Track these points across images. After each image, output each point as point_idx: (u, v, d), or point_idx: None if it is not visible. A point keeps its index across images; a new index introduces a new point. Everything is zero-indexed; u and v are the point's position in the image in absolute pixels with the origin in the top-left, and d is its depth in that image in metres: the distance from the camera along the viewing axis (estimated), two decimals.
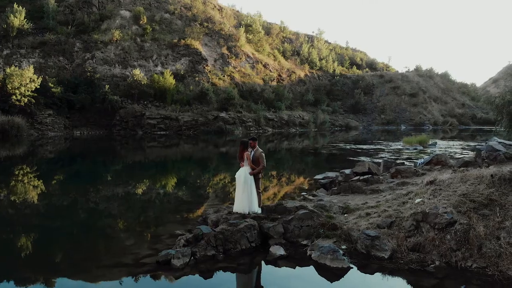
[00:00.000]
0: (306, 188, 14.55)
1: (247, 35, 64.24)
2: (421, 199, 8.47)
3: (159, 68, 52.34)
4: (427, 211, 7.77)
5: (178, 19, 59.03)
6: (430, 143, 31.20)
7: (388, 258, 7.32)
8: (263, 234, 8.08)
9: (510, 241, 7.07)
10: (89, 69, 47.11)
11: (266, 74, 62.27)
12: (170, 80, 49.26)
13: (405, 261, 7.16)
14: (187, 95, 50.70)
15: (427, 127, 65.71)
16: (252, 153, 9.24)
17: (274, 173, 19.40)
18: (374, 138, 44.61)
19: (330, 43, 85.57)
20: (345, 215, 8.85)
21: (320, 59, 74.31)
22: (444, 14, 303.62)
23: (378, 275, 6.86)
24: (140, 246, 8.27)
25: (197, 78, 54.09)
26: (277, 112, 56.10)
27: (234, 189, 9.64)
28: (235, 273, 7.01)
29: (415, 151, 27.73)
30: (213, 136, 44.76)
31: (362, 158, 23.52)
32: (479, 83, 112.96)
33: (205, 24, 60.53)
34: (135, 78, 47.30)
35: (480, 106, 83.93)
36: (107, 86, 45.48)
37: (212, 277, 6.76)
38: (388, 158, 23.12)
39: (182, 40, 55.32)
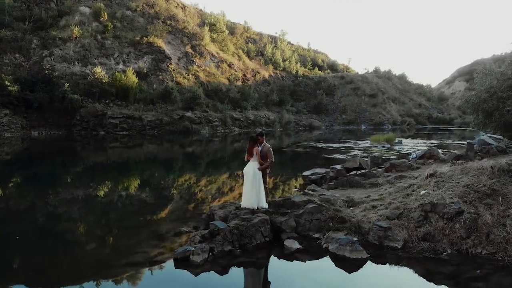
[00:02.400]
0: (296, 184, 14.48)
1: (211, 34, 63.66)
2: (425, 191, 8.58)
3: (120, 66, 50.66)
4: (435, 201, 7.86)
5: (140, 16, 57.49)
6: (396, 141, 32.09)
7: (401, 248, 7.46)
8: (275, 228, 8.00)
9: None
10: (47, 67, 44.77)
11: (231, 74, 61.93)
12: (133, 79, 47.81)
13: (417, 250, 7.39)
14: (151, 94, 49.43)
15: (386, 127, 67.81)
16: (260, 148, 9.11)
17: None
18: (336, 137, 45.37)
19: (292, 44, 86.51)
20: (351, 208, 8.88)
21: (284, 60, 74.90)
22: (400, 18, 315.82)
23: (396, 264, 7.00)
24: (147, 245, 8.00)
25: (160, 77, 52.87)
26: (243, 112, 55.93)
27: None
28: (247, 268, 6.87)
29: (383, 148, 28.43)
30: (179, 136, 43.88)
31: (336, 156, 23.85)
32: (434, 84, 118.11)
33: (168, 22, 59.35)
34: (96, 76, 45.51)
35: (436, 106, 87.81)
36: (66, 85, 43.40)
37: (233, 272, 6.63)
38: (361, 155, 23.64)
39: (144, 37, 53.91)
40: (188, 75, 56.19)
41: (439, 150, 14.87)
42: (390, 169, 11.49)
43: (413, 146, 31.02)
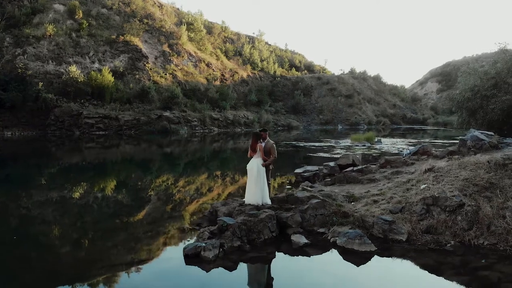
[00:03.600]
0: (289, 182, 14.47)
1: (189, 34, 63.06)
2: (426, 185, 8.73)
3: (96, 65, 49.51)
4: (436, 195, 7.99)
5: (116, 14, 56.35)
6: (376, 140, 32.65)
7: (406, 240, 7.61)
8: (281, 223, 8.02)
9: None
10: (20, 66, 43.25)
11: (210, 74, 61.53)
12: (109, 78, 46.76)
13: (422, 242, 7.57)
14: (127, 93, 48.50)
15: (362, 127, 68.84)
16: (263, 144, 9.09)
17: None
18: (314, 137, 45.75)
19: (270, 44, 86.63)
20: (352, 203, 8.97)
21: (262, 60, 74.95)
22: (374, 20, 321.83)
23: (404, 256, 7.14)
24: (153, 243, 7.86)
25: (137, 76, 51.97)
26: (222, 112, 55.65)
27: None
28: (252, 264, 6.82)
29: (364, 147, 28.88)
30: (157, 136, 43.28)
31: (320, 154, 24.05)
32: (407, 85, 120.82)
33: (145, 20, 58.44)
34: (71, 75, 44.25)
35: (409, 106, 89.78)
36: (40, 84, 42.07)
37: (244, 268, 6.63)
38: (344, 153, 23.91)
39: (120, 36, 52.85)
40: (166, 74, 55.50)
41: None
42: (385, 165, 11.66)
43: (392, 145, 31.67)
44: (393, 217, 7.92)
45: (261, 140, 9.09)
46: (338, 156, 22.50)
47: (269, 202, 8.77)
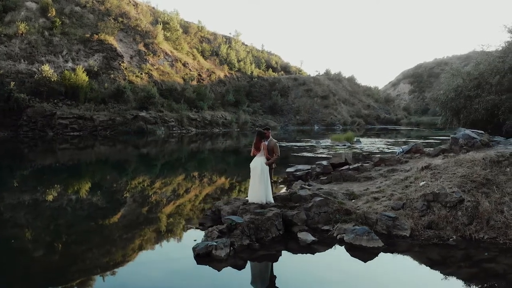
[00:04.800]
0: (281, 181, 14.45)
1: (165, 33, 62.27)
2: (425, 182, 8.87)
3: (70, 64, 48.23)
4: (436, 191, 8.13)
5: (90, 13, 55.03)
6: (355, 140, 33.11)
7: (409, 236, 7.75)
8: (286, 221, 8.02)
9: None
10: None
11: (186, 73, 60.93)
12: (83, 77, 45.65)
13: (424, 237, 7.72)
14: (102, 93, 47.49)
15: (338, 127, 69.76)
16: (266, 143, 9.09)
17: (240, 171, 19.00)
18: (292, 137, 45.98)
19: (247, 45, 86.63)
20: (353, 200, 9.05)
21: (239, 61, 74.82)
22: (349, 23, 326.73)
23: (410, 251, 7.27)
24: (159, 243, 7.70)
25: (112, 75, 50.95)
26: (200, 112, 55.19)
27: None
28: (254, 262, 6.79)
29: (345, 147, 29.25)
30: (133, 136, 42.49)
31: (304, 154, 24.17)
32: (380, 86, 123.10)
33: (120, 19, 57.32)
34: (43, 75, 42.92)
35: (383, 107, 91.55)
36: (12, 83, 40.60)
37: (256, 266, 6.62)
38: (327, 153, 24.18)
39: (95, 35, 51.68)
40: (141, 74, 54.62)
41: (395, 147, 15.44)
42: (379, 164, 11.81)
43: (372, 144, 32.21)
44: (395, 213, 8.05)
45: (265, 139, 9.07)
46: (322, 155, 22.81)
47: (272, 200, 8.77)
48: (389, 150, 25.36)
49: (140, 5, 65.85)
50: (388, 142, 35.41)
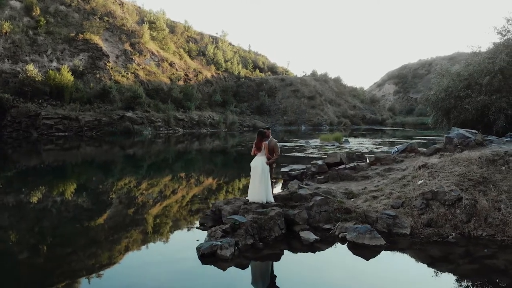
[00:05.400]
0: (275, 181, 14.38)
1: (151, 32, 61.76)
2: (422, 181, 8.96)
3: (54, 63, 47.45)
4: (435, 190, 8.21)
5: (75, 12, 54.23)
6: (343, 140, 33.35)
7: (409, 234, 7.83)
8: (288, 220, 8.03)
9: (510, 211, 7.77)
10: None
11: (173, 73, 60.53)
12: (68, 77, 44.98)
13: (424, 235, 7.81)
14: (88, 93, 46.85)
15: (324, 127, 70.17)
16: (267, 142, 9.13)
17: (231, 171, 18.87)
18: (279, 137, 45.96)
19: (233, 45, 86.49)
20: (352, 199, 9.10)
21: (226, 61, 74.65)
22: (335, 23, 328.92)
23: (412, 248, 7.34)
24: (161, 243, 7.64)
25: (98, 75, 50.32)
26: (187, 112, 54.84)
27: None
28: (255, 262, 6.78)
29: (334, 146, 29.43)
30: (119, 137, 41.97)
31: (295, 154, 24.21)
32: (366, 87, 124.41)
33: (106, 18, 56.65)
34: (28, 74, 42.15)
35: (369, 107, 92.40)
36: None
37: (262, 265, 6.62)
38: (317, 152, 24.31)
39: (80, 34, 50.95)
40: (127, 73, 54.09)
41: (385, 147, 15.60)
42: (375, 163, 11.91)
43: (360, 144, 32.48)
44: (395, 212, 8.12)
45: (265, 138, 9.07)
46: (313, 155, 22.92)
47: (272, 200, 8.78)
48: (378, 150, 25.57)
49: (126, 4, 65.18)
50: (376, 142, 35.77)
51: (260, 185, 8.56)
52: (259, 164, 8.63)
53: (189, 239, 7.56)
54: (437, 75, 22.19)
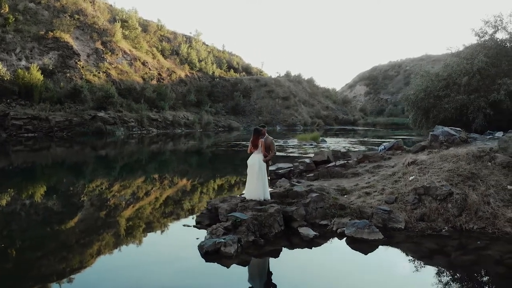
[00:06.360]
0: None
1: (123, 31, 60.58)
2: (413, 177, 9.18)
3: (23, 62, 45.86)
4: (427, 185, 8.42)
5: (45, 9, 52.57)
6: (320, 139, 33.77)
7: (404, 228, 8.03)
8: (286, 217, 8.08)
9: (499, 204, 8.04)
10: None
11: (146, 73, 59.60)
12: (38, 76, 43.59)
13: (418, 229, 8.03)
14: (58, 93, 45.53)
15: (299, 128, 70.76)
16: (263, 140, 9.24)
17: (211, 171, 18.72)
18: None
19: (207, 45, 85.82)
20: (345, 196, 9.23)
21: (200, 61, 74.02)
22: (307, 25, 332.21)
23: (409, 241, 7.52)
24: (161, 243, 7.56)
25: (68, 74, 49.00)
26: (161, 112, 54.08)
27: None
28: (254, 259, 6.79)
29: (311, 146, 29.74)
30: (91, 137, 41.00)
31: (276, 153, 24.22)
32: (338, 88, 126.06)
33: (76, 16, 55.17)
34: None
35: (341, 108, 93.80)
36: None
37: (264, 262, 6.64)
38: (298, 152, 24.52)
39: (50, 32, 49.43)
40: (99, 73, 52.89)
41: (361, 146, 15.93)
42: (362, 160, 12.11)
43: (336, 143, 32.98)
44: (389, 207, 8.25)
45: (261, 136, 9.13)
46: (293, 154, 23.11)
47: (269, 197, 8.82)
48: (356, 149, 26.04)
49: (97, 2, 63.63)
50: (351, 141, 36.41)
51: (258, 182, 8.61)
52: (256, 161, 8.67)
53: (187, 237, 7.50)
54: (416, 76, 22.84)
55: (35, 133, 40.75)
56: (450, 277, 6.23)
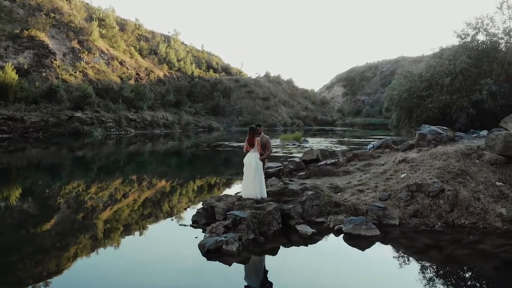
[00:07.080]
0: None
1: (100, 30, 59.50)
2: (405, 174, 9.34)
3: None
4: (419, 182, 8.60)
5: (20, 7, 51.14)
6: (303, 139, 34.03)
7: (398, 224, 8.21)
8: (283, 215, 8.17)
9: (489, 200, 8.28)
10: None
11: (124, 72, 58.69)
12: (12, 75, 42.26)
13: (412, 225, 8.22)
14: (33, 93, 44.32)
15: (279, 128, 71.08)
16: (259, 139, 9.27)
17: (194, 172, 18.58)
18: (235, 138, 46.04)
19: (186, 45, 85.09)
20: (339, 193, 9.33)
21: (178, 60, 73.32)
22: (286, 26, 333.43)
23: (405, 237, 7.68)
24: (160, 243, 7.51)
25: (44, 74, 47.74)
26: (139, 113, 53.32)
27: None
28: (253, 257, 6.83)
29: (294, 146, 29.96)
30: (68, 138, 40.11)
31: None
32: (316, 89, 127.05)
33: (52, 15, 53.83)
34: None
35: (319, 109, 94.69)
36: None
37: (266, 259, 6.69)
38: (282, 151, 24.64)
39: (25, 31, 48.04)
40: (76, 72, 51.75)
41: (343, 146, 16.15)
42: (352, 159, 12.26)
43: (319, 143, 33.32)
44: (383, 204, 8.39)
45: (257, 134, 9.17)
46: (277, 154, 23.15)
47: (266, 196, 8.85)
48: (339, 149, 26.35)
49: (73, 0, 62.35)
50: (332, 141, 36.83)
51: (254, 181, 8.64)
52: (252, 160, 8.70)
53: (185, 237, 7.47)
54: (400, 76, 23.31)
55: (9, 134, 39.56)
56: (447, 271, 6.41)
